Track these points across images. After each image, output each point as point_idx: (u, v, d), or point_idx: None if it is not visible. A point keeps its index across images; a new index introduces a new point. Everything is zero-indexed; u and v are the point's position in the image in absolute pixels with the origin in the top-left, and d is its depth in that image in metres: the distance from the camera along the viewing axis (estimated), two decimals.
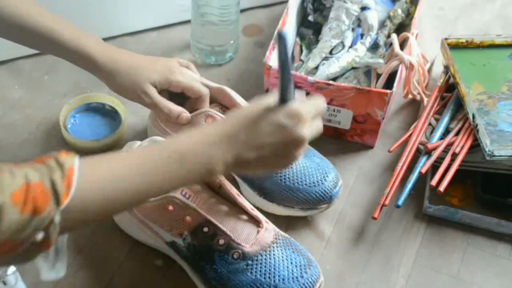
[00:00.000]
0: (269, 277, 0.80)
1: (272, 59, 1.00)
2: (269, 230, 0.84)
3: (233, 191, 0.86)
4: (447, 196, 0.95)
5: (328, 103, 0.98)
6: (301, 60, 1.09)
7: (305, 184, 0.90)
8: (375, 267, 0.89)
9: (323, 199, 0.91)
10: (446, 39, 1.05)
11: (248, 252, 0.81)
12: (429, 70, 1.11)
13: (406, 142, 0.97)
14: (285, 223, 0.92)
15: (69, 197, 0.60)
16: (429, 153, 0.94)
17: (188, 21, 1.15)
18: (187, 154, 0.68)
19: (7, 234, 0.57)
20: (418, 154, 0.96)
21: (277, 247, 0.83)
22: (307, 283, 0.81)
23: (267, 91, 1.01)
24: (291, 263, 0.82)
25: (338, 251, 0.91)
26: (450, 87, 1.03)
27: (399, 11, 1.12)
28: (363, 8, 1.09)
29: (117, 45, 1.15)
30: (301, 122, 0.71)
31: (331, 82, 0.97)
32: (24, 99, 1.07)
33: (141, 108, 1.06)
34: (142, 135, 1.02)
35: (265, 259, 0.81)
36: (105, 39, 1.16)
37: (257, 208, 0.88)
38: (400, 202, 0.90)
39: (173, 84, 0.92)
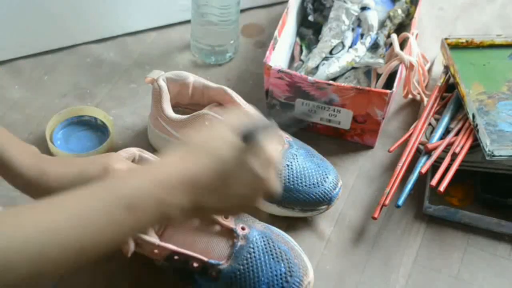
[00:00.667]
0: None
1: (273, 59, 1.00)
2: (247, 237, 0.82)
3: None
4: (447, 196, 0.95)
5: (328, 103, 0.98)
6: (301, 60, 1.09)
7: (305, 185, 0.90)
8: (375, 267, 0.89)
9: (323, 201, 0.90)
10: (446, 39, 1.05)
11: (225, 268, 0.80)
12: (429, 70, 1.11)
13: (406, 142, 0.97)
14: (285, 223, 0.92)
15: None
16: (429, 153, 0.94)
17: (188, 21, 1.15)
18: (136, 200, 0.60)
19: None
20: (418, 154, 0.96)
21: (255, 257, 0.81)
22: None
23: (267, 91, 1.00)
24: (271, 272, 0.80)
25: (338, 251, 0.91)
26: (450, 87, 1.03)
27: (399, 11, 1.12)
28: (363, 8, 1.10)
29: (117, 45, 1.17)
30: (274, 171, 0.66)
31: (331, 82, 0.97)
32: (24, 99, 1.07)
33: (141, 108, 1.06)
34: (142, 135, 1.02)
35: (244, 273, 0.80)
36: (105, 39, 1.17)
37: None
38: (400, 202, 0.90)
39: None
